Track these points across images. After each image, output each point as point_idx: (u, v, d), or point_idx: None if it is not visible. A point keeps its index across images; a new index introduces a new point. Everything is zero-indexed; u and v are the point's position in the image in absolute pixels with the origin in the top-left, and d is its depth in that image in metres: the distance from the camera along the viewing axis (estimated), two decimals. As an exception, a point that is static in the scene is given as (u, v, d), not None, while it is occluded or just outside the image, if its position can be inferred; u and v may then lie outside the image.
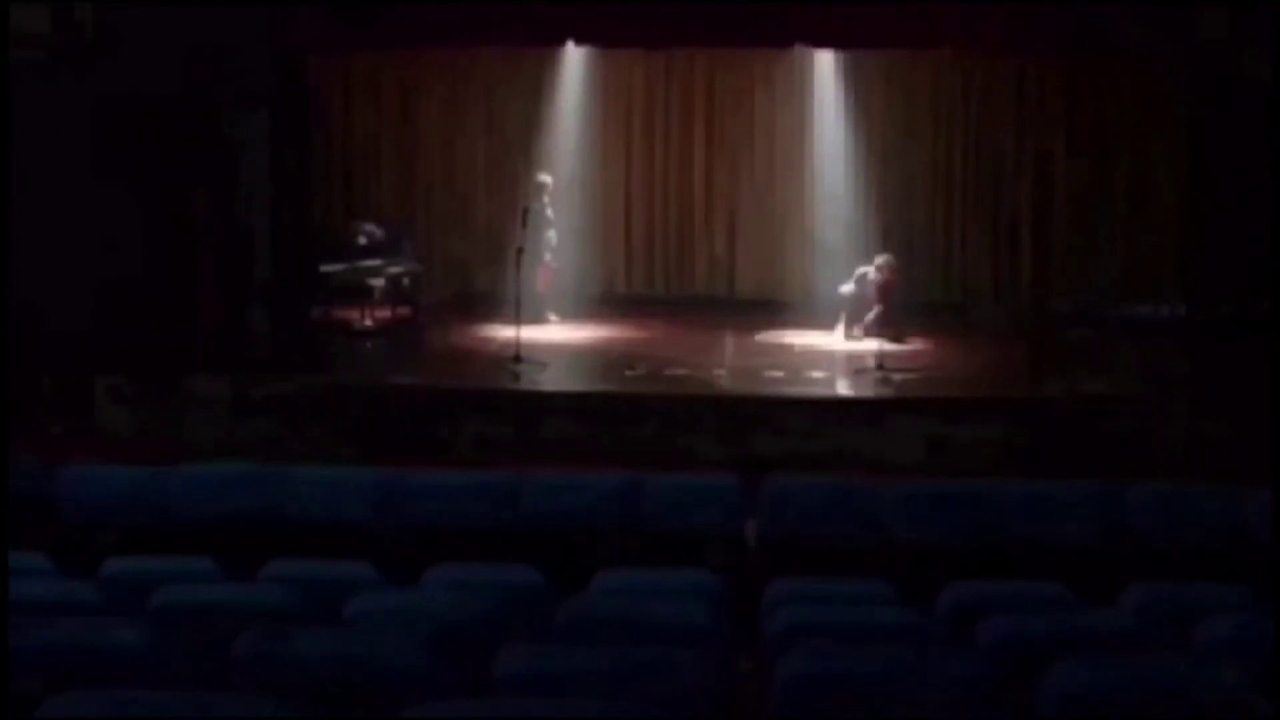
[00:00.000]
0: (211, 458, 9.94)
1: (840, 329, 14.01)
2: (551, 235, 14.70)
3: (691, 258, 16.41)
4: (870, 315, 13.71)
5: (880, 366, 12.45)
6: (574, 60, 15.88)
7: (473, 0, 13.33)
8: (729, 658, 4.89)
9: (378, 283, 14.23)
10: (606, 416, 11.41)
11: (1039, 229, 15.79)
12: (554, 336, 14.14)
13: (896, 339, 13.61)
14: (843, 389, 12.45)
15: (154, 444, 11.12)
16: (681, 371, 12.63)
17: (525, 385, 12.10)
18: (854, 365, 12.83)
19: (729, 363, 13.17)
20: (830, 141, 15.91)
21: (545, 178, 14.97)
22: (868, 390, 12.22)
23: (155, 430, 11.57)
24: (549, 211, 14.78)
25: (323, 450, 11.06)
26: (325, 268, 13.95)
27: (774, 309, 15.50)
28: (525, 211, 13.95)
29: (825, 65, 15.81)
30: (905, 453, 11.06)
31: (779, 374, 12.58)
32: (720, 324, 14.88)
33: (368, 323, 14.19)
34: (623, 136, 16.35)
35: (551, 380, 12.34)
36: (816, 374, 12.67)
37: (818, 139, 15.98)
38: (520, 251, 13.28)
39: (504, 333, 13.19)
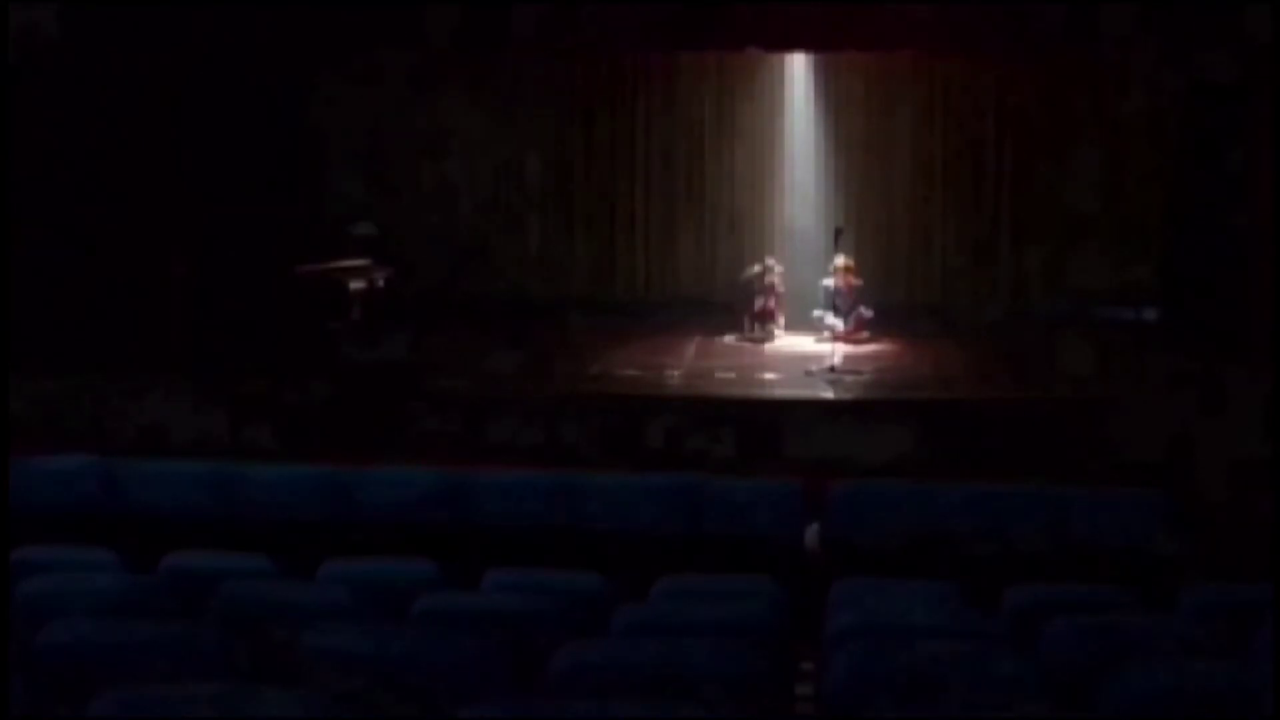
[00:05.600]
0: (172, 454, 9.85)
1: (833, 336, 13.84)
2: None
3: (674, 260, 16.35)
4: (853, 315, 13.91)
5: (833, 369, 12.43)
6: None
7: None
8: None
9: (358, 284, 14.07)
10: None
11: (1019, 230, 15.74)
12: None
13: (858, 340, 13.77)
14: (776, 391, 12.24)
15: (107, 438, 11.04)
16: (633, 372, 12.75)
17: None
18: (808, 367, 12.72)
19: (686, 364, 13.19)
20: (807, 142, 15.95)
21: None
22: (799, 391, 12.10)
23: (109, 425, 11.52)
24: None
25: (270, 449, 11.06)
26: (307, 267, 13.84)
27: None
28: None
29: (800, 64, 15.86)
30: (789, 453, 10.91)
31: (731, 375, 12.61)
32: (695, 325, 14.90)
33: (342, 322, 13.97)
34: (606, 139, 16.31)
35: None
36: (768, 375, 12.66)
37: (795, 139, 16.01)
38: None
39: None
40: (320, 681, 3.90)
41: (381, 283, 14.46)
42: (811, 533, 7.33)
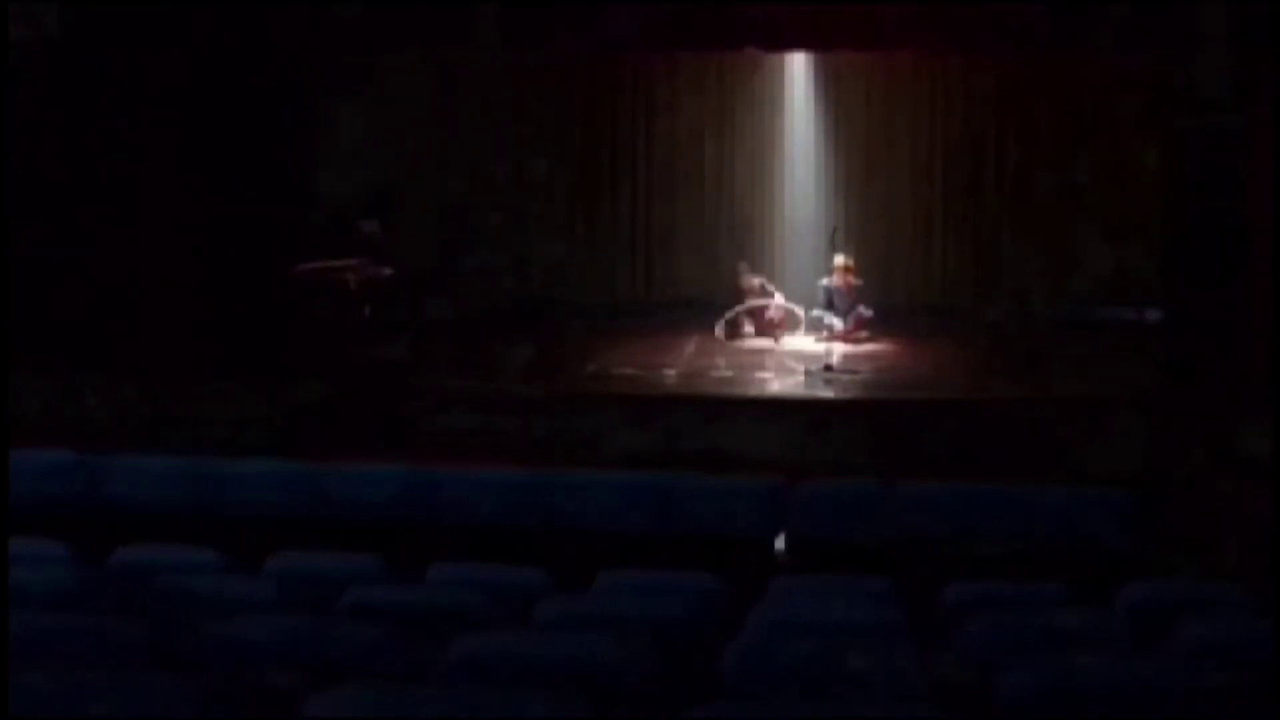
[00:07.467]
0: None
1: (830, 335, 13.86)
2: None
3: (674, 260, 16.34)
4: (851, 315, 13.90)
5: (828, 368, 12.41)
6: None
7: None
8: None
9: (358, 283, 14.00)
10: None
11: (1019, 230, 15.69)
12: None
13: (857, 340, 13.75)
14: (771, 390, 12.26)
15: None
16: (630, 371, 12.80)
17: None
18: (803, 366, 12.69)
19: (682, 364, 13.19)
20: (807, 142, 15.95)
21: None
22: (795, 390, 12.10)
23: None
24: None
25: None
26: (307, 266, 13.86)
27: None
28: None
29: (800, 64, 15.85)
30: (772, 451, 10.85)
31: (728, 374, 12.64)
32: (695, 325, 14.76)
33: (343, 321, 13.91)
34: (607, 140, 16.35)
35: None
36: (762, 375, 12.68)
37: (795, 140, 16.01)
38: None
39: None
40: (214, 667, 3.94)
41: (382, 282, 14.57)
42: (785, 532, 7.35)
